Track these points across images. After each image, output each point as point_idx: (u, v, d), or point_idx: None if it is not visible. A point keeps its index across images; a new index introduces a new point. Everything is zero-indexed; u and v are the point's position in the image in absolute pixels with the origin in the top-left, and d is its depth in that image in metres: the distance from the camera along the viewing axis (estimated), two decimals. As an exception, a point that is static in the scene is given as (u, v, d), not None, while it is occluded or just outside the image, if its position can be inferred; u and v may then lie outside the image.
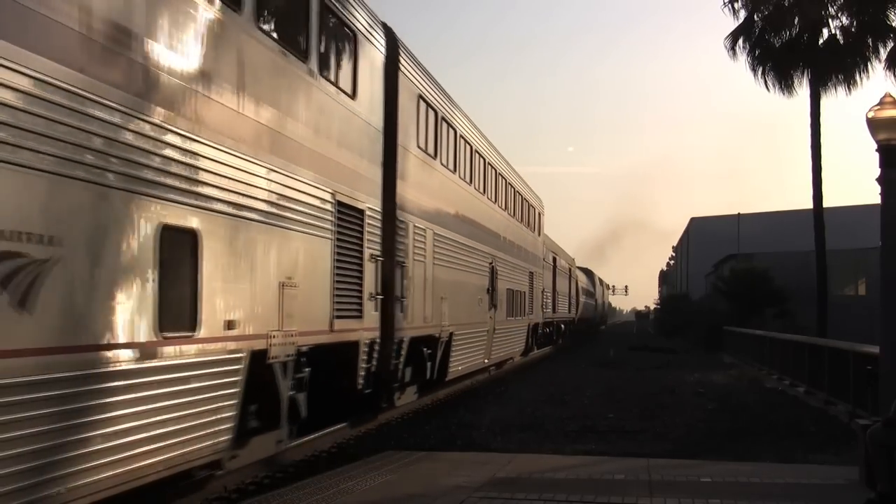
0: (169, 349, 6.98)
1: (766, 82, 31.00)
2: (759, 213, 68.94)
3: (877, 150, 9.21)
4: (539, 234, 31.27)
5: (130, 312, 6.47)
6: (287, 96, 9.32)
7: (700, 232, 74.21)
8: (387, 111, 12.83)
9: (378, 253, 12.13)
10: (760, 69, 30.97)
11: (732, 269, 46.42)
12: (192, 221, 7.31)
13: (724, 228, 65.87)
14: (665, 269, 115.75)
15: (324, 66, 10.29)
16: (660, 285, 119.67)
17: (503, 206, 23.37)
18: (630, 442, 13.27)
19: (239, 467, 8.86)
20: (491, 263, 21.04)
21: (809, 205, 30.45)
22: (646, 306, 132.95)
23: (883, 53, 28.97)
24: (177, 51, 7.18)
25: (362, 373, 11.85)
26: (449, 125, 16.69)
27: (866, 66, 29.46)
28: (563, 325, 42.54)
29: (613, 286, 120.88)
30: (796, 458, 11.64)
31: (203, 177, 7.47)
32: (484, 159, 20.46)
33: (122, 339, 6.36)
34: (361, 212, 11.49)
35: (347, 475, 9.36)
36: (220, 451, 7.92)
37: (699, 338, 44.65)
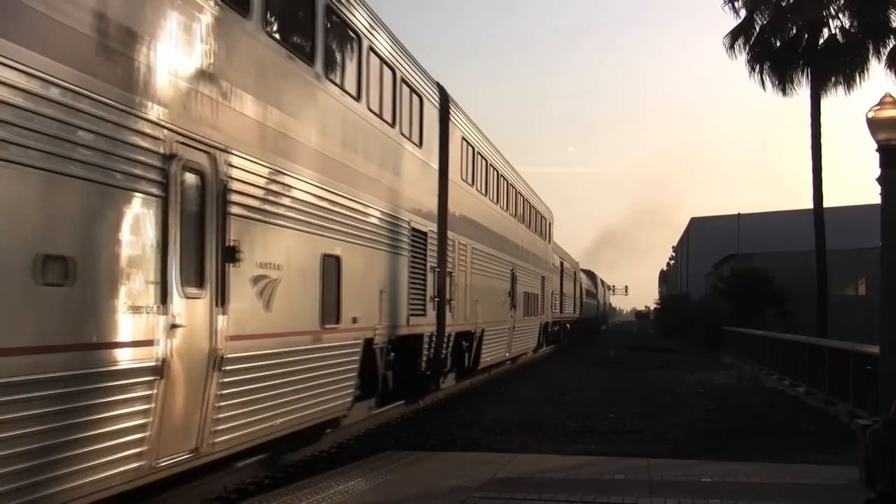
0: (326, 335, 10.34)
1: (763, 82, 31.05)
2: (759, 213, 68.92)
3: (877, 150, 9.21)
4: (549, 242, 34.60)
5: (310, 311, 9.92)
6: (387, 155, 12.92)
7: (700, 232, 74.21)
8: (440, 152, 16.35)
9: (436, 265, 15.71)
10: (759, 68, 31.00)
11: (732, 269, 46.41)
12: (337, 250, 10.69)
13: (723, 228, 65.85)
14: (665, 269, 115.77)
15: (404, 128, 13.90)
16: (660, 285, 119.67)
17: (521, 220, 26.91)
18: (630, 442, 13.27)
19: (346, 425, 12.28)
20: (512, 270, 24.47)
21: (810, 204, 30.48)
22: (646, 306, 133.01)
23: (883, 53, 28.98)
24: (343, 141, 11.15)
25: (424, 358, 15.39)
26: (482, 157, 20.44)
27: (866, 66, 29.48)
28: (568, 325, 45.22)
29: (613, 286, 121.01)
30: (796, 458, 11.64)
31: (345, 220, 10.93)
32: (506, 181, 24.09)
33: (306, 328, 9.82)
34: (425, 234, 15.01)
35: (347, 475, 9.35)
36: (344, 409, 11.44)
37: (699, 338, 44.63)
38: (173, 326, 7.05)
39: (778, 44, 30.66)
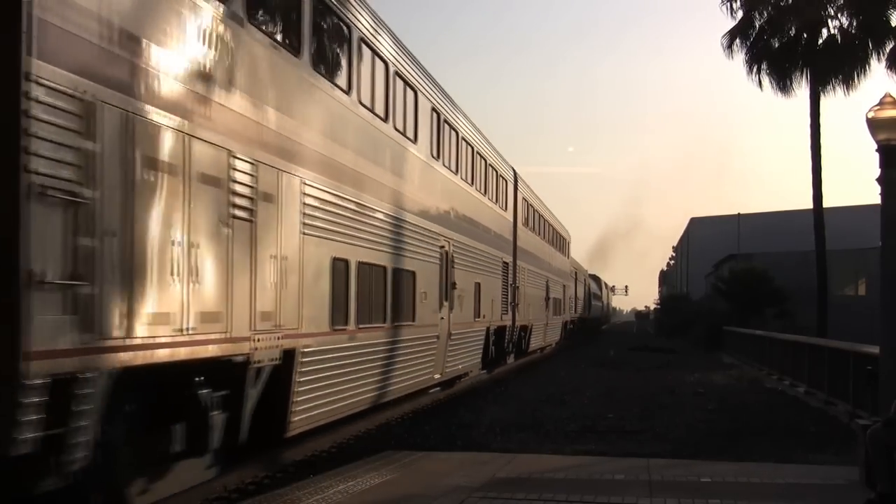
0: (475, 325, 19.48)
1: (761, 82, 31.06)
2: (759, 213, 68.89)
3: (877, 150, 9.20)
4: (568, 257, 43.47)
5: (470, 311, 18.86)
6: (495, 219, 22.23)
7: (700, 232, 74.19)
8: (513, 209, 25.34)
9: (511, 282, 24.48)
10: (757, 69, 31.00)
11: (732, 270, 46.40)
12: (479, 279, 19.65)
13: (724, 228, 65.85)
14: (665, 269, 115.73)
15: (499, 202, 23.02)
16: (660, 285, 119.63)
17: (551, 243, 35.83)
18: (630, 442, 13.26)
19: (470, 377, 21.36)
20: (546, 281, 33.13)
21: (810, 204, 30.48)
22: (646, 306, 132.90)
23: (883, 54, 28.98)
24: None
25: (505, 341, 24.53)
26: (532, 207, 29.81)
27: (865, 66, 29.48)
28: (579, 323, 53.53)
29: (614, 286, 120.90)
30: (796, 458, 11.62)
31: (483, 262, 20.25)
32: (544, 218, 33.32)
33: (470, 321, 18.89)
34: (507, 263, 23.96)
35: (347, 475, 9.35)
36: (475, 368, 20.80)
37: (699, 338, 44.61)
38: (441, 318, 16.16)
39: (777, 44, 30.67)
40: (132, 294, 6.32)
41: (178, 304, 6.90)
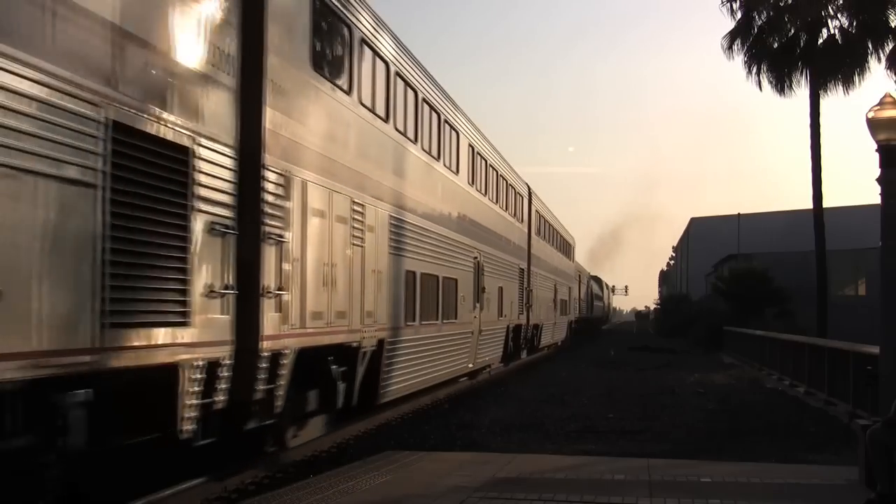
0: (498, 322, 22.43)
1: (760, 83, 31.05)
2: (759, 213, 68.82)
3: (877, 150, 9.20)
4: (573, 261, 46.80)
5: (496, 310, 21.93)
6: (514, 231, 25.22)
7: (700, 232, 74.17)
8: (528, 220, 28.12)
9: (526, 286, 27.35)
10: (757, 69, 31.01)
11: (732, 270, 46.40)
12: (502, 283, 22.75)
13: (724, 228, 65.81)
14: (665, 269, 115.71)
15: (517, 215, 25.82)
16: (660, 285, 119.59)
17: (559, 249, 38.83)
18: (630, 442, 13.26)
19: (492, 369, 23.91)
20: (554, 284, 36.17)
21: (810, 205, 30.48)
22: (646, 306, 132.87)
23: (882, 54, 28.99)
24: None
25: (522, 336, 27.40)
26: (543, 217, 32.87)
27: (865, 66, 29.49)
28: (583, 321, 56.61)
29: (614, 286, 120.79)
30: (796, 458, 11.62)
31: (504, 269, 23.14)
32: (553, 227, 36.54)
33: (495, 319, 21.84)
34: (523, 269, 26.81)
35: (347, 475, 9.35)
36: (498, 361, 23.72)
37: (699, 338, 44.60)
38: (474, 318, 18.68)
39: (776, 44, 30.67)
40: (305, 299, 9.27)
41: (325, 305, 9.91)
